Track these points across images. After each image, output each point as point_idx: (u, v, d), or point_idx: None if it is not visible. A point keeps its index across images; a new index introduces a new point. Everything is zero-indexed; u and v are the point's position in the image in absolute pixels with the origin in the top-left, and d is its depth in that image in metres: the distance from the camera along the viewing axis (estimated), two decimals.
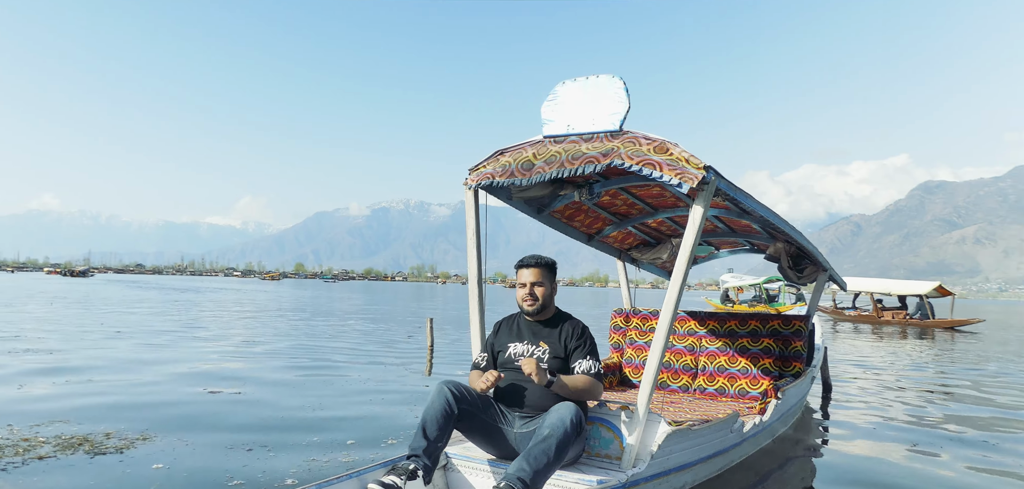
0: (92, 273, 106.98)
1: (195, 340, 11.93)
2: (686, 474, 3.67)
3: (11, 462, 3.86)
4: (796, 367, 5.40)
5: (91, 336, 11.98)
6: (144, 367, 8.18)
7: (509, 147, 3.88)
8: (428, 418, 3.12)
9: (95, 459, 3.99)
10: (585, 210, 5.21)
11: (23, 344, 10.31)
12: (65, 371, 7.62)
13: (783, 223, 4.52)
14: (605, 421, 3.47)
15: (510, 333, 3.51)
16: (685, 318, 5.93)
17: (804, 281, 5.81)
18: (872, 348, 15.06)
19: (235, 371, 8.14)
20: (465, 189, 3.96)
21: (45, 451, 4.09)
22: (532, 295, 3.41)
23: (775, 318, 5.63)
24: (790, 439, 5.29)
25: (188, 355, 9.66)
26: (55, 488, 3.48)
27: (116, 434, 4.60)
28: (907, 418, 6.45)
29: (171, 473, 3.80)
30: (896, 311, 26.18)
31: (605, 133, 3.54)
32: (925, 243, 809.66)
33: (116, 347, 10.39)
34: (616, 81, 3.56)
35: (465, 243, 3.98)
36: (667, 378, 5.70)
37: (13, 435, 4.47)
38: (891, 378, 9.61)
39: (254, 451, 4.32)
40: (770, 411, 4.59)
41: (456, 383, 3.26)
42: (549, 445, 2.92)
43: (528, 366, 3.11)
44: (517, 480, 2.78)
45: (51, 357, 8.81)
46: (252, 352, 10.41)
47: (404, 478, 2.92)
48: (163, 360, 8.96)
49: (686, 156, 3.31)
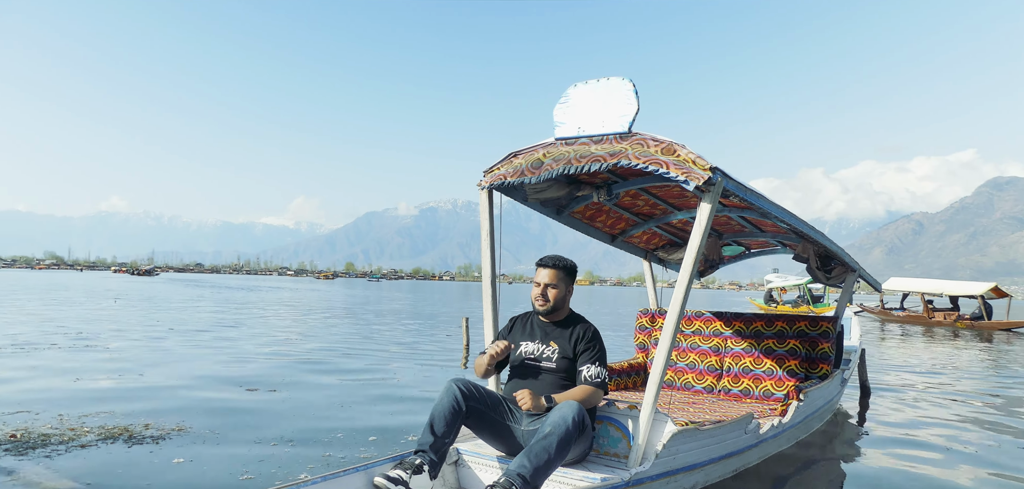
0: (157, 272, 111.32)
1: (247, 339, 12.38)
2: (697, 474, 3.66)
3: (55, 449, 4.14)
4: (823, 369, 5.29)
5: (148, 333, 12.56)
6: (193, 362, 8.56)
7: (522, 149, 3.94)
8: (436, 415, 3.21)
9: (131, 448, 4.24)
10: (606, 211, 5.22)
11: (84, 340, 10.90)
12: (119, 365, 8.05)
13: (801, 223, 4.45)
14: (613, 420, 3.50)
15: (523, 331, 3.58)
16: (711, 319, 5.88)
17: (833, 282, 5.68)
18: (920, 350, 14.52)
19: (273, 369, 8.44)
20: (479, 190, 4.05)
21: (87, 439, 4.36)
22: (544, 295, 3.47)
23: (802, 319, 5.53)
24: (818, 442, 5.19)
25: (234, 354, 10.04)
26: (88, 472, 3.71)
27: (154, 425, 4.86)
28: (949, 425, 6.20)
29: (192, 464, 4.01)
30: (948, 312, 25.11)
31: (614, 135, 3.57)
32: (994, 242, 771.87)
33: (169, 344, 10.88)
34: (626, 83, 3.58)
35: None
36: (692, 379, 5.67)
37: (62, 424, 4.77)
38: (937, 381, 9.25)
39: (278, 446, 4.50)
40: (791, 413, 4.52)
41: (465, 380, 3.33)
42: (550, 442, 2.97)
43: (524, 402, 3.17)
44: (517, 476, 2.84)
45: (108, 353, 9.30)
46: (294, 350, 10.74)
47: (410, 473, 3.01)
48: (211, 357, 9.35)
49: (693, 158, 3.32)
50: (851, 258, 5.44)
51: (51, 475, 3.62)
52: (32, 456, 3.97)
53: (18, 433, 4.47)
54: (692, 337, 5.89)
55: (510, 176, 3.88)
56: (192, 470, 3.87)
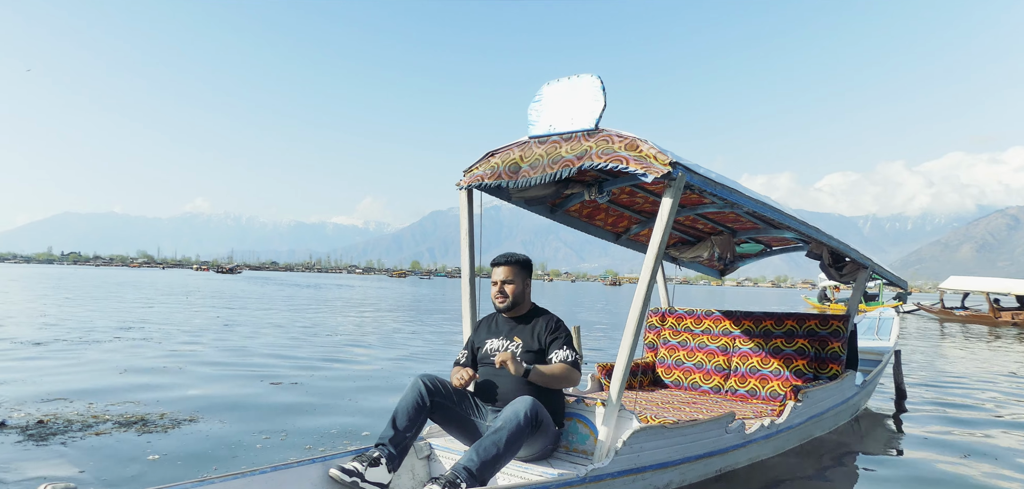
0: (240, 270, 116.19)
1: (310, 338, 12.87)
2: (670, 473, 3.60)
3: (73, 436, 4.45)
4: (833, 369, 5.09)
5: (206, 329, 13.25)
6: (235, 353, 9.00)
7: (499, 149, 3.97)
8: (399, 409, 3.28)
9: (141, 436, 4.50)
10: (605, 208, 5.18)
11: (141, 334, 11.61)
12: (163, 361, 8.55)
13: (782, 216, 4.29)
14: (582, 416, 3.50)
15: (488, 330, 3.62)
16: (720, 318, 5.76)
17: (845, 279, 5.45)
18: (981, 351, 13.59)
19: (309, 364, 8.77)
20: (459, 190, 4.11)
21: (104, 428, 4.66)
22: (502, 292, 3.50)
23: (813, 317, 5.34)
24: (829, 445, 4.97)
25: (274, 350, 10.47)
26: (94, 458, 3.98)
27: (169, 415, 5.14)
28: (992, 432, 5.81)
29: (179, 449, 4.25)
30: (1016, 311, 23.37)
31: (582, 132, 3.58)
32: None
33: (223, 339, 11.45)
34: (594, 80, 3.57)
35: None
36: (699, 379, 5.56)
37: (87, 412, 5.12)
38: (992, 385, 8.67)
39: (270, 438, 4.68)
40: (786, 414, 4.38)
41: (432, 377, 3.40)
42: (500, 437, 3.00)
43: (502, 357, 3.22)
44: (463, 470, 2.89)
45: (159, 347, 9.88)
46: (343, 346, 11.11)
47: (366, 465, 3.09)
48: (254, 352, 9.79)
49: (654, 153, 3.29)
50: (862, 255, 5.21)
51: (55, 460, 3.91)
52: (50, 441, 4.28)
53: (46, 418, 4.83)
54: (701, 336, 5.77)
55: (488, 177, 3.92)
56: (175, 457, 4.09)
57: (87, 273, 69.65)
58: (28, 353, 8.49)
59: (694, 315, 5.93)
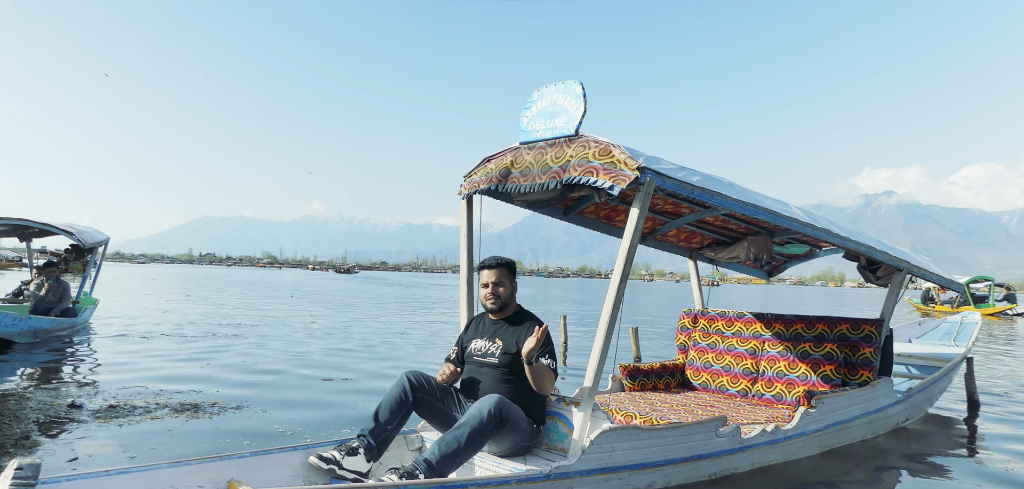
0: (356, 270, 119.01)
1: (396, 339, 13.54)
2: (651, 474, 3.58)
3: (130, 419, 5.00)
4: (864, 375, 4.83)
5: (299, 328, 14.20)
6: (306, 344, 9.67)
7: (494, 155, 4.10)
8: (382, 403, 3.49)
9: (189, 422, 4.99)
10: (622, 210, 5.18)
11: (237, 329, 12.64)
12: (242, 358, 9.30)
13: (769, 215, 4.11)
14: (561, 415, 3.57)
15: (476, 329, 3.77)
16: (751, 320, 5.58)
17: (881, 282, 5.13)
18: None
19: (369, 360, 9.25)
20: (459, 197, 4.27)
21: (161, 413, 5.21)
22: (494, 294, 3.63)
23: (844, 321, 5.07)
24: (854, 453, 4.70)
25: (353, 348, 11.08)
26: (143, 439, 4.47)
27: (220, 404, 5.65)
28: None
29: (222, 429, 4.67)
30: None
31: (564, 138, 3.65)
32: None
33: (310, 338, 12.25)
34: (575, 86, 3.64)
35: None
36: (726, 381, 5.43)
37: (150, 399, 5.72)
38: None
39: (302, 429, 5.04)
40: (796, 420, 4.22)
41: (417, 372, 3.59)
42: (462, 433, 3.14)
43: (530, 346, 3.28)
44: (423, 461, 3.05)
45: (246, 342, 10.72)
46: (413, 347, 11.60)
47: (344, 454, 3.32)
48: (334, 353, 10.43)
49: (624, 158, 3.31)
50: (885, 253, 4.88)
51: (107, 438, 4.44)
52: (110, 423, 4.86)
53: (116, 403, 5.47)
54: (730, 339, 5.62)
55: (484, 183, 4.06)
56: (224, 429, 4.52)
57: (217, 272, 75.76)
58: (135, 346, 9.49)
59: (726, 317, 5.78)
